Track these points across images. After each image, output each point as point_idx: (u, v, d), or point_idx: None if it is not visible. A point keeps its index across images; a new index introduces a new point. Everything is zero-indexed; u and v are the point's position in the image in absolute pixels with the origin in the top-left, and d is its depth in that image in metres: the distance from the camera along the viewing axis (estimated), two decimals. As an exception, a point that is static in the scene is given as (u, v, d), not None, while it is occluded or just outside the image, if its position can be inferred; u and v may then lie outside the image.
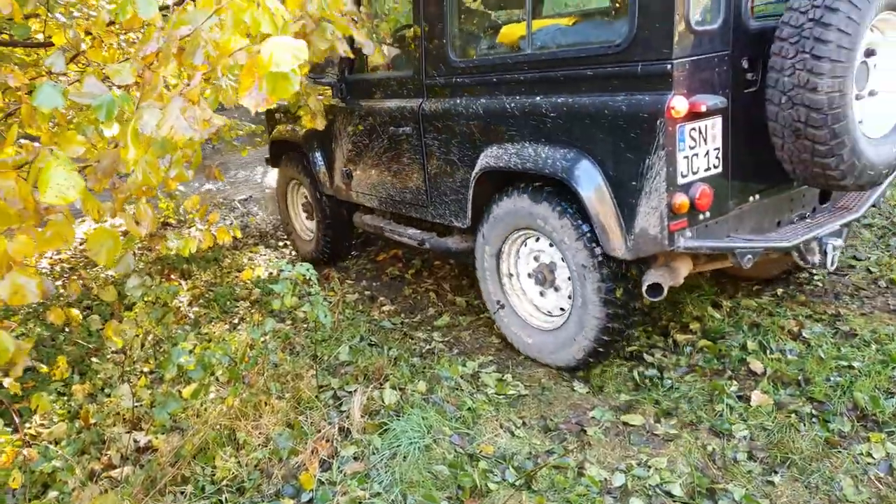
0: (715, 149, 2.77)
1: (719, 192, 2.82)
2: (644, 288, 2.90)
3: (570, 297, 3.23)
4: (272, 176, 7.47)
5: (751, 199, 2.99)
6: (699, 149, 2.72)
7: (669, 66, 2.57)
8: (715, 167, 2.79)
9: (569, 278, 3.19)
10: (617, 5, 2.78)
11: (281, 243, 6.04)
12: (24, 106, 2.15)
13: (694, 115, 2.64)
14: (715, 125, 2.75)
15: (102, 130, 2.12)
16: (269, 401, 2.93)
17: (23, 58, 4.28)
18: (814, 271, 4.07)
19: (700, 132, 2.70)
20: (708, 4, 2.68)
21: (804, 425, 2.75)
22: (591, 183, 2.86)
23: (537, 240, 3.34)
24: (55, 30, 3.22)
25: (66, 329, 3.96)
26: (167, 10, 3.23)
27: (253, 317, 4.20)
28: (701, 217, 2.79)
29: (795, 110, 2.65)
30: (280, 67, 1.49)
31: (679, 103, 2.56)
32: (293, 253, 5.68)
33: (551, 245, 3.25)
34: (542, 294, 3.43)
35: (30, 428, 2.98)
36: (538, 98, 3.07)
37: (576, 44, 3.10)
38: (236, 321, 4.28)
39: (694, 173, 2.72)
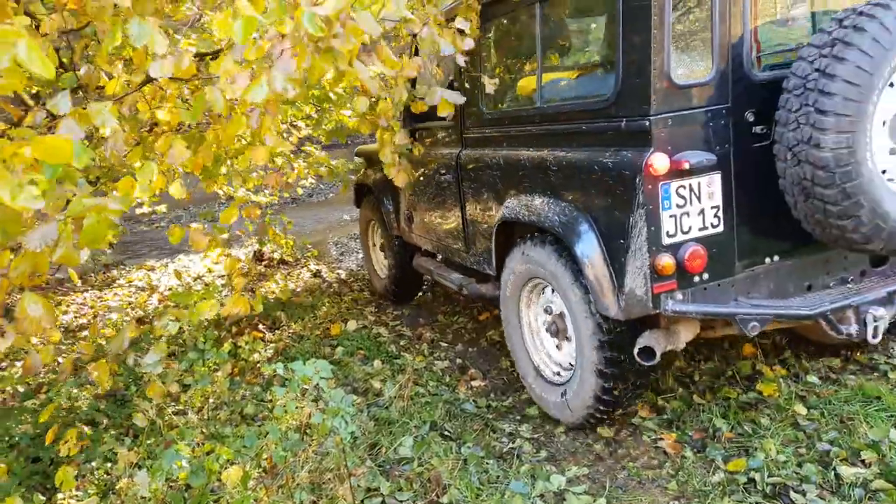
0: (713, 207, 2.59)
1: (720, 252, 2.62)
2: (636, 351, 2.74)
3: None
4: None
5: (767, 260, 2.74)
6: (690, 207, 2.55)
7: (647, 123, 2.46)
8: (713, 226, 2.60)
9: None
10: (610, 59, 2.71)
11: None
12: None
13: (679, 173, 2.49)
14: (712, 182, 2.57)
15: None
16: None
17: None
18: None
19: (691, 190, 2.54)
20: (696, 58, 2.54)
21: None
22: (585, 241, 2.77)
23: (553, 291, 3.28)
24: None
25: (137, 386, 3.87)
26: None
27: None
28: (696, 279, 2.60)
29: (801, 168, 2.42)
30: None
31: (658, 161, 2.44)
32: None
33: (553, 291, 3.16)
34: (558, 347, 3.35)
35: (63, 500, 2.83)
36: (545, 151, 3.04)
37: (575, 97, 3.04)
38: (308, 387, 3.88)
39: (684, 233, 2.56)
